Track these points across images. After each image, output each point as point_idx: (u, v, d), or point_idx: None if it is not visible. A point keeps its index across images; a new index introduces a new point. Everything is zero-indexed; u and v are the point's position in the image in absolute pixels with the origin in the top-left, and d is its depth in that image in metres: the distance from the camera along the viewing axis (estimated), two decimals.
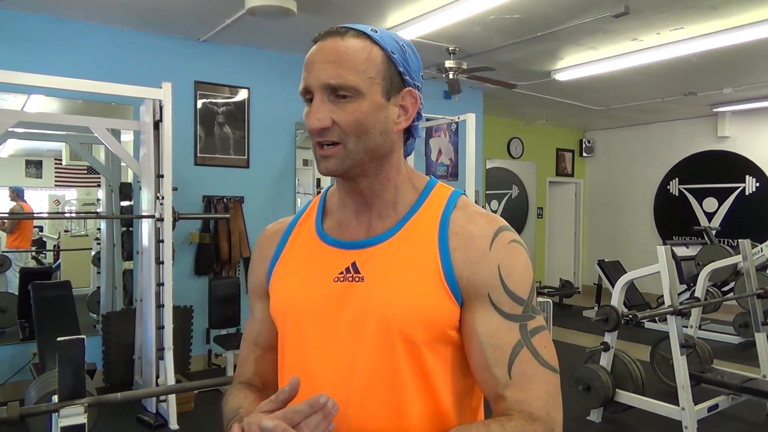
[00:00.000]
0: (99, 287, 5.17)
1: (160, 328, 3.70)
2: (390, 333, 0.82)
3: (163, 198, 3.70)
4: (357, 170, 0.85)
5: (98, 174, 5.20)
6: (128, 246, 4.73)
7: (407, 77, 0.86)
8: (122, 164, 4.72)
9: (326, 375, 0.85)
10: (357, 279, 0.86)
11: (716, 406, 3.51)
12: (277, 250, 0.96)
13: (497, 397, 0.83)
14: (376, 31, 0.85)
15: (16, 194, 6.15)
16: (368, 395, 0.83)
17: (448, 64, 4.86)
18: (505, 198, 8.51)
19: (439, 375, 0.84)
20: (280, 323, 0.93)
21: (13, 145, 6.16)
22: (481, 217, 0.88)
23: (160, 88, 3.68)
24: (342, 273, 0.87)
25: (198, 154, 4.87)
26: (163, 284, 3.71)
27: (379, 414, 0.83)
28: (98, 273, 5.31)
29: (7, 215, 5.93)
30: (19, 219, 5.99)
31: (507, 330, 0.82)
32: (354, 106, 0.82)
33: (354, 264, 0.87)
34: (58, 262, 6.25)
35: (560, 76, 5.70)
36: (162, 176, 3.72)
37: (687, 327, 4.45)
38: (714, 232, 7.24)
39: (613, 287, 3.92)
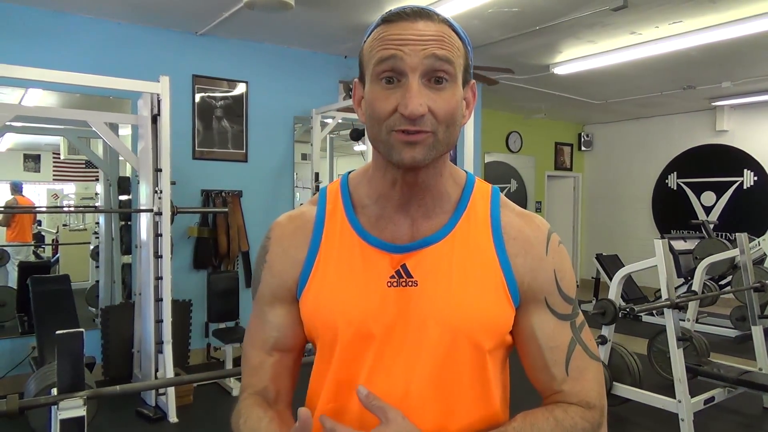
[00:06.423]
0: (98, 281, 5.16)
1: (158, 321, 3.71)
2: (456, 339, 0.81)
3: (161, 192, 3.70)
4: (433, 162, 0.80)
5: (96, 168, 5.18)
6: (127, 240, 4.72)
7: (471, 70, 0.83)
8: (120, 158, 4.71)
9: (383, 383, 0.82)
10: (411, 284, 0.82)
11: (713, 398, 3.52)
12: (311, 251, 0.87)
13: (554, 392, 0.86)
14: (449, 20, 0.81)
15: (15, 188, 6.17)
16: (425, 401, 0.82)
17: None
18: (504, 192, 8.43)
19: (494, 377, 0.86)
20: (326, 332, 0.85)
21: (11, 139, 6.15)
22: (531, 218, 0.89)
23: (158, 82, 3.66)
24: (393, 277, 0.82)
25: (196, 148, 4.86)
26: (161, 278, 3.71)
27: (434, 418, 0.82)
28: (97, 267, 5.31)
29: (2, 209, 5.93)
30: (16, 213, 5.98)
31: (561, 330, 0.87)
32: (449, 94, 0.77)
33: (405, 267, 0.83)
34: (57, 256, 6.24)
35: (559, 70, 5.69)
36: (160, 170, 3.71)
37: (684, 320, 4.46)
38: (712, 225, 7.24)
39: (611, 281, 3.92)
